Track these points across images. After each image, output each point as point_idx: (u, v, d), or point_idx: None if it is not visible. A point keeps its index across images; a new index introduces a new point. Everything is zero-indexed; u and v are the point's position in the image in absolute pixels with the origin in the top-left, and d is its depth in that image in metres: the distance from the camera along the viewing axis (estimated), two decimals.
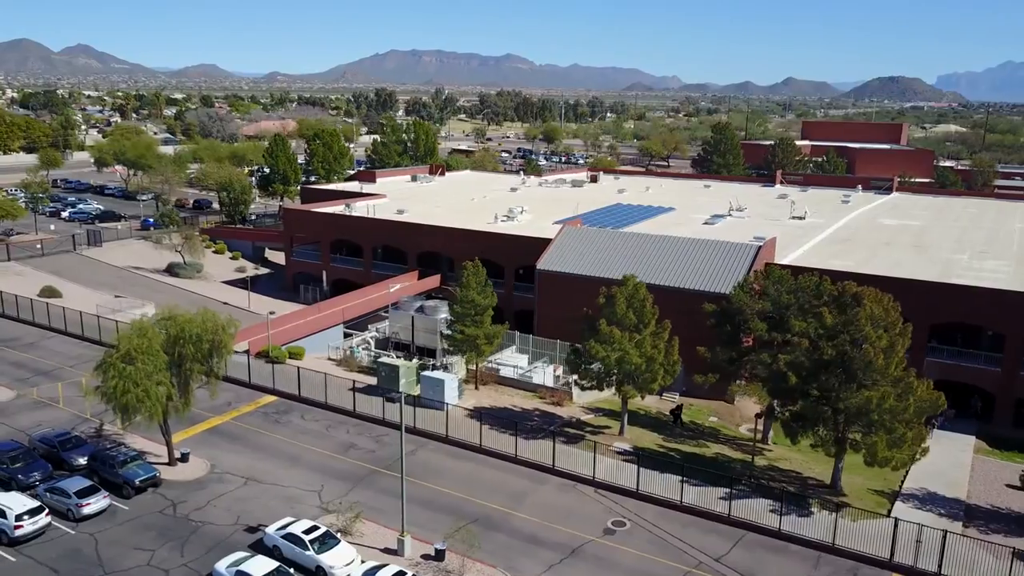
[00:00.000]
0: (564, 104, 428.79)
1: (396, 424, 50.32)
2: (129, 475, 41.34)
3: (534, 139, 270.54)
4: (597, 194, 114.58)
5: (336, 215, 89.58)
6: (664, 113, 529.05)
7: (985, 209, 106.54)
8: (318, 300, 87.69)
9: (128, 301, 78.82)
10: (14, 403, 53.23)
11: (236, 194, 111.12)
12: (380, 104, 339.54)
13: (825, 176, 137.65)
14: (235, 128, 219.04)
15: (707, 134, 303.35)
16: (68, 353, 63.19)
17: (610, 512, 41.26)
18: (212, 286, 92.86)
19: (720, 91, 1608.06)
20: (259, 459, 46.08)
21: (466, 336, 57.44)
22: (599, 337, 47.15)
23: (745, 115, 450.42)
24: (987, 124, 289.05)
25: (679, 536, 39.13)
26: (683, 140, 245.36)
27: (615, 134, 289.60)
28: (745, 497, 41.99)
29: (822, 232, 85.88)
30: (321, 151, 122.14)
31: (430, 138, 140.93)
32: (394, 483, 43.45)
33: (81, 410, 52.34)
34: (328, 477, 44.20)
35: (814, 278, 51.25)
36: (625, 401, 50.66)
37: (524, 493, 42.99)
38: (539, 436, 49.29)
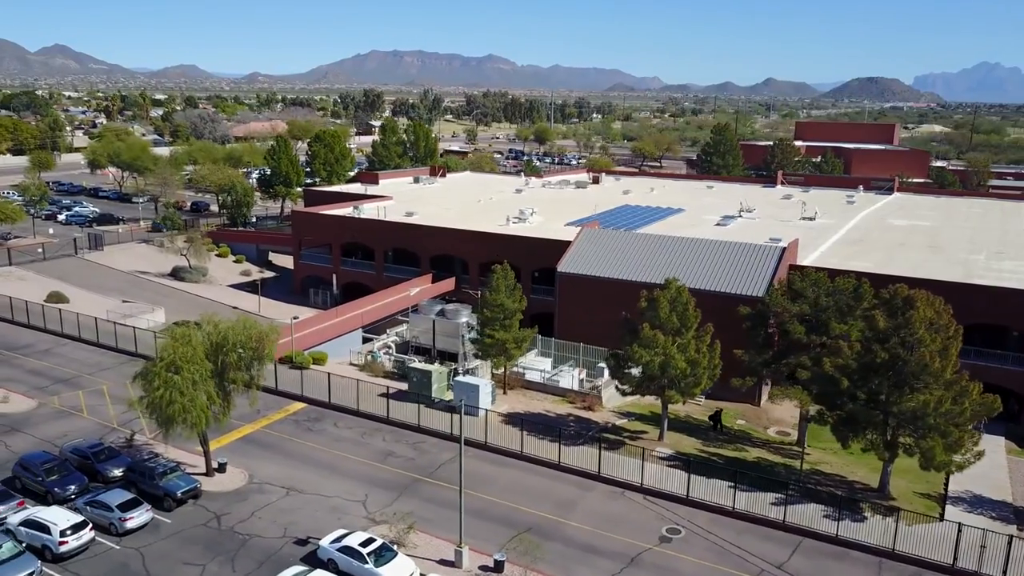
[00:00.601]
0: (552, 105, 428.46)
1: (433, 431, 49.81)
2: (171, 487, 40.21)
3: (525, 140, 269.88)
4: (602, 195, 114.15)
5: (347, 217, 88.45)
6: (650, 114, 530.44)
7: (989, 209, 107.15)
8: (328, 304, 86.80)
9: (138, 306, 77.36)
10: (37, 413, 51.84)
11: (238, 196, 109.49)
12: (368, 105, 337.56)
13: (825, 176, 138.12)
14: (226, 129, 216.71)
15: (696, 134, 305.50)
16: (85, 360, 61.76)
17: (662, 519, 40.67)
18: (219, 290, 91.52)
19: (701, 91, 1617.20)
20: (297, 468, 45.07)
21: (496, 340, 56.72)
22: (642, 341, 46.54)
23: (728, 116, 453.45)
24: (973, 124, 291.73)
25: (736, 543, 38.61)
26: (674, 141, 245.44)
27: (605, 135, 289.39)
28: (796, 502, 41.53)
29: (835, 233, 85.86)
30: (323, 152, 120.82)
31: (430, 140, 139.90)
32: (438, 492, 42.79)
33: (106, 419, 51.10)
34: (371, 486, 43.29)
35: (851, 280, 51.04)
36: (666, 406, 50.11)
37: (572, 501, 42.31)
38: (579, 442, 48.67)
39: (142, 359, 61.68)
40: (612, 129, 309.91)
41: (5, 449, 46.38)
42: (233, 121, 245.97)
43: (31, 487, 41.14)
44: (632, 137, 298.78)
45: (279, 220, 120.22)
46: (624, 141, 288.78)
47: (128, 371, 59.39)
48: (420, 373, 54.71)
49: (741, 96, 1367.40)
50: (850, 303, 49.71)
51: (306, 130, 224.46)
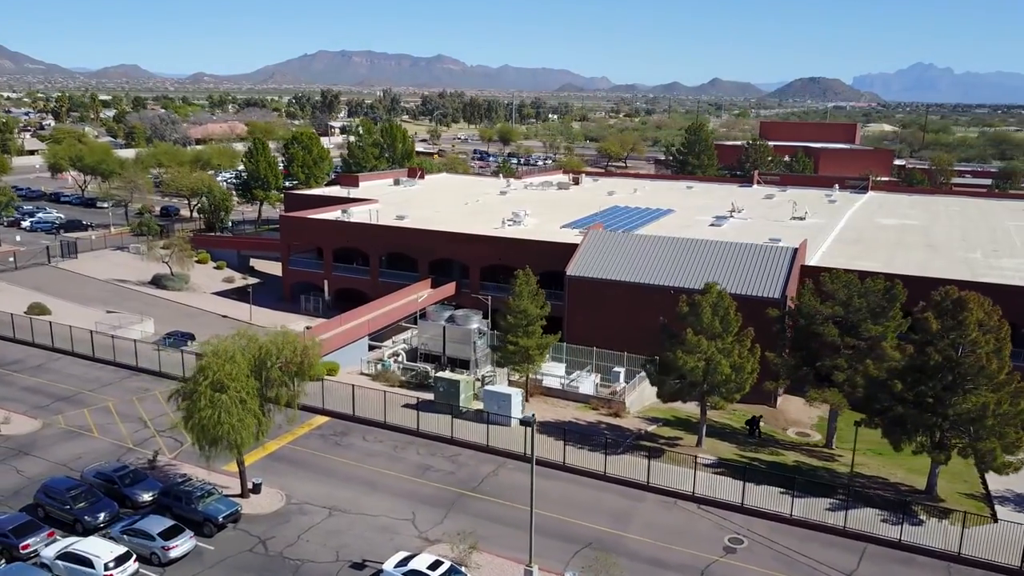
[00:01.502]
0: (509, 105, 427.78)
1: (468, 443, 48.31)
2: (211, 511, 38.00)
3: (489, 140, 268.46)
4: (587, 196, 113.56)
5: (340, 222, 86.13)
6: (605, 114, 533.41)
7: (966, 207, 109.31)
8: (321, 311, 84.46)
9: (127, 317, 74.07)
10: (43, 434, 48.84)
11: (217, 201, 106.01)
12: (326, 106, 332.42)
13: (800, 176, 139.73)
14: (184, 131, 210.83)
15: (656, 134, 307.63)
16: (84, 376, 58.63)
17: (721, 529, 39.87)
18: (203, 298, 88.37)
19: (649, 91, 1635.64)
20: (335, 486, 43.15)
21: (519, 347, 55.42)
22: (685, 347, 45.72)
23: (681, 116, 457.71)
24: (925, 124, 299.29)
25: (800, 551, 37.99)
26: (638, 141, 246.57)
27: (566, 135, 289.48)
28: (850, 507, 41.11)
29: (829, 233, 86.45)
30: (301, 155, 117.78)
31: (407, 141, 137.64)
32: (488, 507, 41.37)
33: (119, 438, 48.40)
34: (416, 503, 41.62)
35: (880, 280, 51.00)
36: (704, 412, 49.41)
37: (626, 512, 41.26)
38: (619, 451, 47.63)
39: (144, 374, 59.30)
40: (574, 130, 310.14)
41: (17, 475, 43.51)
42: (189, 123, 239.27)
43: (57, 516, 38.48)
44: (593, 137, 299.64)
45: (257, 224, 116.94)
46: (586, 142, 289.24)
47: (131, 386, 56.92)
48: (447, 383, 53.08)
49: (689, 96, 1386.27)
50: (883, 304, 49.67)
51: (268, 132, 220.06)
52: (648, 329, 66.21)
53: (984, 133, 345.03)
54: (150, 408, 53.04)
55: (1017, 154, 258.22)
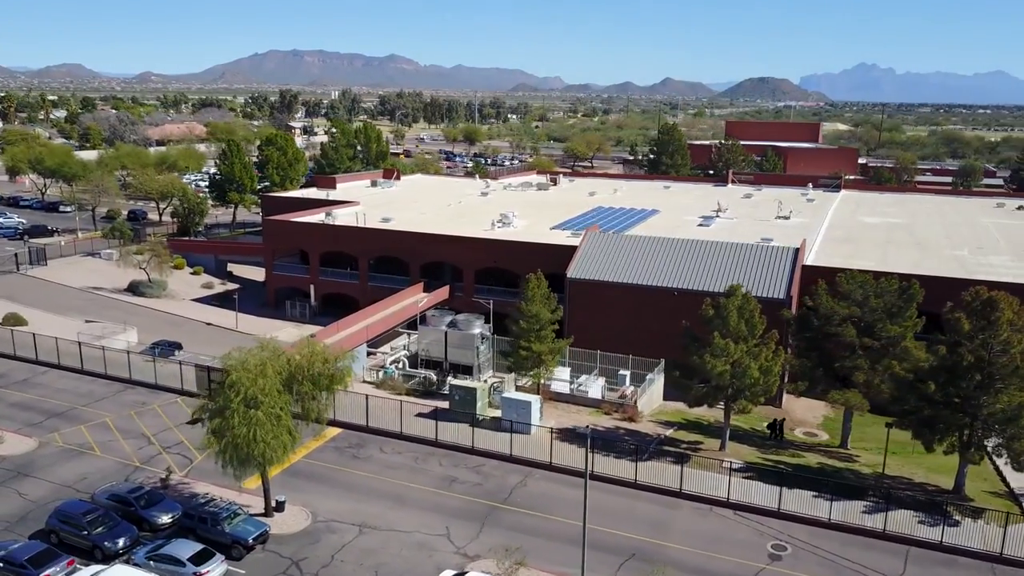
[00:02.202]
0: (468, 105, 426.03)
1: (491, 453, 47.10)
2: (239, 533, 36.19)
3: (454, 141, 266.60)
4: (569, 197, 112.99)
5: (328, 225, 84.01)
6: (563, 114, 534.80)
7: (939, 205, 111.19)
8: (308, 317, 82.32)
9: (109, 327, 71.14)
10: (41, 453, 46.28)
11: (191, 204, 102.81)
12: (284, 106, 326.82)
13: (773, 175, 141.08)
14: (142, 132, 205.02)
15: (618, 134, 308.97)
16: (75, 390, 55.92)
17: (761, 535, 39.35)
18: (184, 305, 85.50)
19: (603, 91, 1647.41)
20: (359, 501, 41.59)
21: (532, 353, 54.40)
22: (713, 350, 45.15)
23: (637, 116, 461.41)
24: (881, 123, 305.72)
25: (843, 555, 37.64)
26: (603, 141, 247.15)
27: (529, 135, 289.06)
28: (885, 509, 40.93)
29: (816, 232, 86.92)
30: (276, 156, 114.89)
31: (381, 142, 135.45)
32: (522, 519, 40.28)
33: (125, 457, 46.09)
34: (447, 517, 40.30)
35: (894, 280, 51.13)
36: (728, 415, 48.94)
37: (663, 521, 40.50)
38: (644, 457, 46.85)
39: (139, 387, 56.85)
40: (539, 130, 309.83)
41: (21, 499, 41.07)
42: (145, 124, 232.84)
43: (73, 542, 36.25)
44: (556, 138, 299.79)
45: (231, 228, 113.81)
46: (550, 142, 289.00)
47: (127, 400, 54.51)
48: (464, 391, 51.80)
49: (642, 95, 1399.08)
50: (899, 304, 49.76)
51: (229, 132, 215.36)
52: (651, 331, 65.99)
53: (934, 132, 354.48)
54: (151, 423, 50.74)
55: (968, 152, 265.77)
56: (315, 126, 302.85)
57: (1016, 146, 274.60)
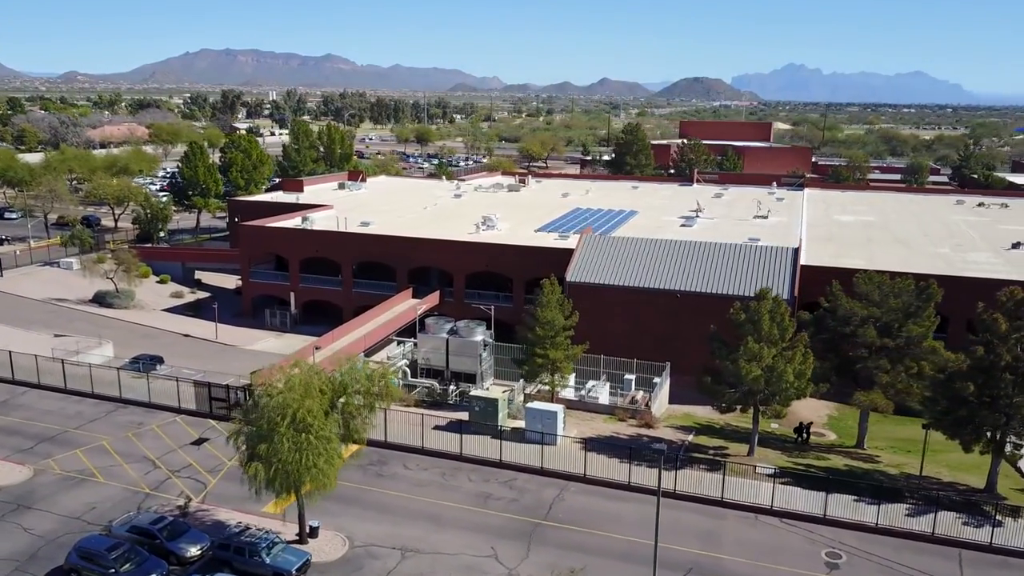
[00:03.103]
0: (414, 105, 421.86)
1: (520, 466, 45.54)
2: (281, 564, 33.86)
3: (406, 141, 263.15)
4: (543, 198, 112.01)
5: (310, 230, 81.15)
6: (507, 114, 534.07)
7: (904, 203, 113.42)
8: (288, 325, 79.36)
9: (84, 341, 67.15)
10: (39, 482, 42.89)
11: (154, 210, 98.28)
12: (227, 106, 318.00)
13: (737, 174, 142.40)
14: (83, 134, 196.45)
15: (569, 134, 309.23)
16: (62, 411, 52.30)
17: (813, 543, 38.70)
18: (155, 316, 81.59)
19: (542, 91, 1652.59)
20: (395, 523, 39.55)
21: (548, 359, 53.02)
22: (747, 355, 44.42)
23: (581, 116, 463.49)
24: (824, 123, 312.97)
25: (899, 561, 37.23)
26: (557, 141, 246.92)
27: (478, 135, 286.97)
28: (926, 511, 40.76)
29: (797, 231, 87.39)
30: (240, 159, 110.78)
31: (345, 143, 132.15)
32: (568, 536, 38.87)
33: (131, 483, 43.06)
34: (491, 537, 38.58)
35: (909, 281, 51.32)
36: (757, 420, 48.32)
37: (712, 532, 39.53)
38: (677, 466, 45.87)
39: (132, 406, 53.58)
40: (488, 130, 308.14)
41: (27, 534, 37.82)
42: (84, 125, 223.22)
43: None
44: (506, 138, 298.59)
45: (195, 234, 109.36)
46: (501, 142, 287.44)
47: (121, 420, 51.28)
48: (484, 401, 50.06)
49: (580, 95, 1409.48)
50: (917, 304, 49.89)
51: (173, 134, 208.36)
52: (653, 334, 65.32)
53: (871, 130, 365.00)
54: (152, 445, 47.67)
55: (906, 150, 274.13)
56: (260, 127, 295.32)
57: (950, 144, 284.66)
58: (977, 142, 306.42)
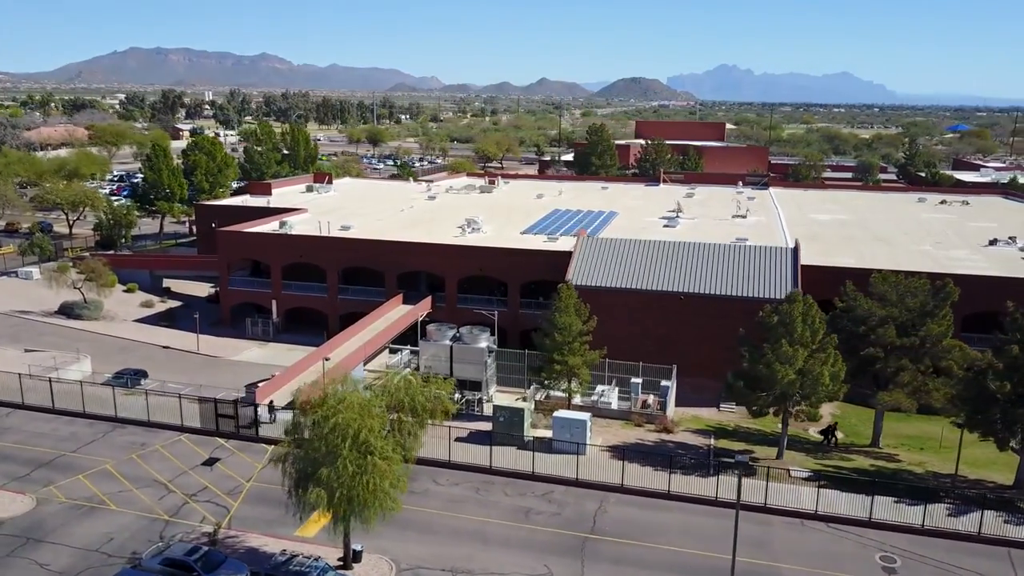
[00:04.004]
0: (358, 105, 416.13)
1: (555, 478, 44.29)
2: None
3: (357, 142, 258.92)
4: (517, 199, 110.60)
5: (294, 235, 78.23)
6: (452, 114, 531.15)
7: (871, 201, 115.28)
8: (271, 334, 76.39)
9: (60, 356, 63.33)
10: (44, 512, 39.80)
11: (118, 215, 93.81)
12: (168, 107, 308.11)
13: (703, 174, 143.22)
14: (21, 136, 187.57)
15: (521, 134, 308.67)
16: (54, 433, 48.94)
17: (864, 547, 38.37)
18: (127, 327, 77.61)
19: (482, 91, 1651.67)
20: (439, 544, 37.82)
21: (566, 366, 51.85)
22: (780, 357, 43.96)
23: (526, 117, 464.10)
24: (771, 123, 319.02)
25: (951, 563, 37.14)
26: (512, 142, 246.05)
27: (429, 135, 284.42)
28: (967, 511, 40.92)
29: (778, 230, 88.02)
30: (204, 162, 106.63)
31: (309, 145, 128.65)
32: (621, 550, 37.75)
33: (146, 509, 40.33)
34: (541, 554, 37.18)
35: (924, 280, 51.70)
36: (786, 423, 47.94)
37: (761, 540, 38.86)
38: (712, 472, 45.20)
39: (129, 425, 50.54)
40: (438, 131, 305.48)
41: (43, 570, 34.93)
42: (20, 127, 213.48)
43: None
44: (457, 138, 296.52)
45: (159, 240, 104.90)
46: (452, 142, 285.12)
47: (120, 441, 48.27)
48: (509, 412, 48.56)
49: (520, 95, 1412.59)
50: (934, 303, 50.25)
51: (117, 135, 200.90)
52: (656, 336, 64.67)
53: (811, 130, 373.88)
54: (160, 467, 44.88)
55: (848, 148, 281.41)
56: (204, 128, 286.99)
57: (890, 143, 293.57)
58: (913, 141, 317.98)
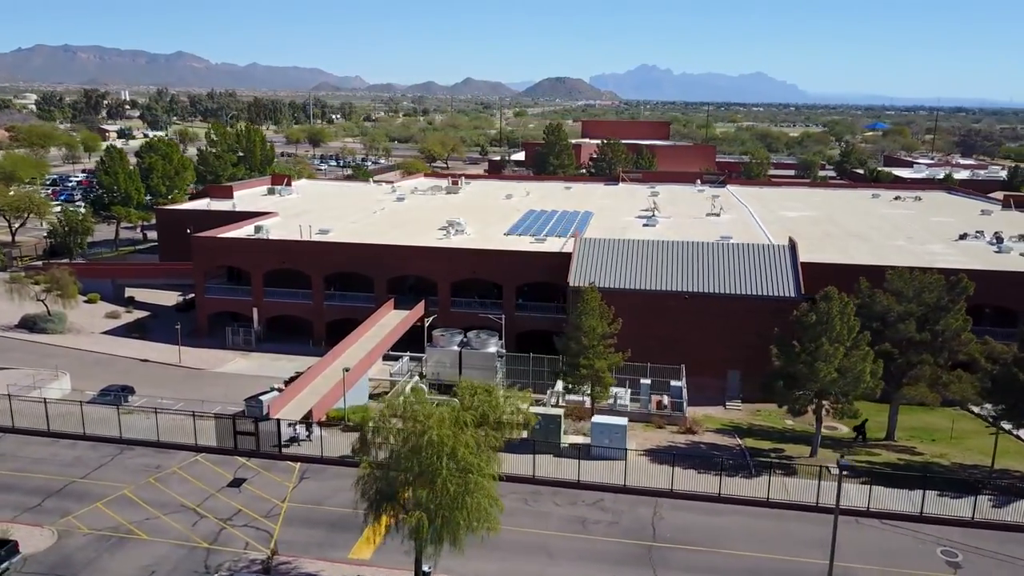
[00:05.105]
0: (290, 105, 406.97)
1: (603, 486, 43.34)
2: None
3: (296, 142, 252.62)
4: (487, 200, 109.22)
5: (277, 241, 75.13)
6: (384, 114, 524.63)
7: (828, 198, 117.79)
8: (252, 344, 73.18)
9: (40, 374, 59.21)
10: (71, 546, 36.64)
11: (72, 222, 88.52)
12: (91, 107, 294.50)
13: (661, 173, 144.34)
14: None
15: (462, 134, 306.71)
16: (57, 459, 45.37)
17: (923, 542, 38.64)
18: (97, 340, 73.46)
19: (407, 90, 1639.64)
20: (504, 559, 36.40)
21: (593, 370, 50.97)
22: (820, 355, 43.99)
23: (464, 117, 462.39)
24: (708, 122, 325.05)
25: (1010, 554, 37.69)
26: (457, 142, 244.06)
27: (376, 136, 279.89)
28: (1008, 501, 41.71)
29: (756, 228, 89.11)
30: (160, 164, 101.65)
31: (266, 147, 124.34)
32: (692, 557, 37.14)
33: (182, 538, 37.61)
34: (611, 565, 36.13)
35: (938, 276, 52.68)
36: (820, 420, 48.07)
37: (823, 540, 38.44)
38: (753, 473, 44.96)
39: (137, 446, 47.40)
40: (376, 131, 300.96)
41: None
42: None
43: None
44: (395, 138, 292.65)
45: (114, 247, 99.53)
46: (393, 143, 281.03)
47: (132, 464, 45.25)
48: (546, 418, 47.24)
49: (445, 95, 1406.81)
50: (950, 299, 51.23)
51: (47, 137, 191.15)
52: (659, 336, 64.32)
53: (740, 128, 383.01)
54: (183, 490, 42.06)
55: (780, 146, 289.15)
56: (131, 129, 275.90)
57: (819, 140, 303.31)
58: (840, 139, 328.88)
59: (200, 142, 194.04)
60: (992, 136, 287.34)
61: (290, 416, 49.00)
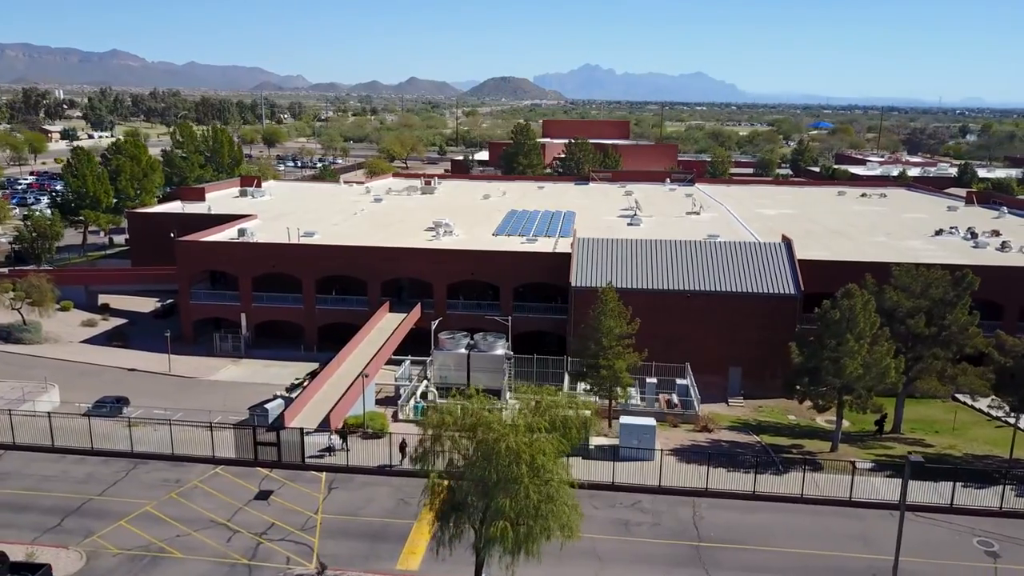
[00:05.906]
0: (237, 104, 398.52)
1: (638, 487, 43.21)
2: None
3: (251, 143, 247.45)
4: (466, 200, 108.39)
5: (267, 244, 73.13)
6: (334, 114, 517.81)
7: (798, 195, 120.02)
8: (242, 350, 71.18)
9: (28, 386, 56.56)
10: (102, 567, 34.86)
11: (42, 227, 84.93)
12: (31, 107, 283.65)
13: (631, 172, 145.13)
14: None
15: (421, 134, 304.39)
16: (68, 475, 43.27)
17: (958, 533, 39.38)
18: (77, 349, 70.69)
19: (350, 90, 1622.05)
20: (556, 565, 35.46)
21: (612, 371, 50.77)
22: (845, 351, 44.54)
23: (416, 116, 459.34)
24: (662, 121, 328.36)
25: None
26: (417, 141, 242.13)
27: (333, 135, 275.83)
28: None
29: (738, 226, 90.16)
30: (128, 166, 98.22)
31: (234, 148, 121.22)
32: (739, 556, 37.19)
33: (220, 555, 36.17)
34: (665, 567, 35.91)
35: (944, 272, 53.88)
36: (840, 415, 48.68)
37: (863, 534, 39.18)
38: (779, 469, 45.30)
39: (151, 460, 45.57)
40: (331, 131, 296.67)
41: None
42: None
43: None
44: (349, 137, 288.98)
45: (82, 252, 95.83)
46: (348, 142, 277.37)
47: (149, 479, 43.69)
48: None
49: (390, 94, 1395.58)
50: (956, 294, 52.43)
51: None
52: (661, 335, 64.36)
53: (690, 127, 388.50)
54: (209, 505, 40.50)
55: (731, 145, 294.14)
56: (75, 129, 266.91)
57: (768, 139, 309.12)
58: (788, 137, 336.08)
59: (153, 143, 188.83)
60: (936, 135, 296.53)
61: (306, 424, 47.76)
